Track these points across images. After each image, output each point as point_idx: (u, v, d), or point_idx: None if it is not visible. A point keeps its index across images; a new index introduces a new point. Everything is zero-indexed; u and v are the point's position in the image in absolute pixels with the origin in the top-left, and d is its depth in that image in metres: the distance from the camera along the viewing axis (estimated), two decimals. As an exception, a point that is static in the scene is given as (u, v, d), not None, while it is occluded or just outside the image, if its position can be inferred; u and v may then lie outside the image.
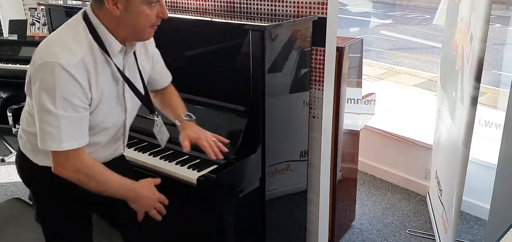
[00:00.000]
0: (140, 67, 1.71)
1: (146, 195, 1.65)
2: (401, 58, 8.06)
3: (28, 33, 4.12)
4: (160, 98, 1.95)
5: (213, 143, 1.79)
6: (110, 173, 1.57)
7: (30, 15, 4.12)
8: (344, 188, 2.76)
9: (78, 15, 1.54)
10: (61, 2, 2.91)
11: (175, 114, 1.88)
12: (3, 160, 3.89)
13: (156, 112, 1.82)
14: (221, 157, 1.78)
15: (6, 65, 3.88)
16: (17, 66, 3.87)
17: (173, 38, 2.21)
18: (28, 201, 2.34)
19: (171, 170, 1.92)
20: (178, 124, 1.85)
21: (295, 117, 2.16)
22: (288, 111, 2.10)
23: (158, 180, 1.71)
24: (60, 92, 1.40)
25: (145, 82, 1.76)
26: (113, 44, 1.53)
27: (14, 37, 4.07)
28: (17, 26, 4.12)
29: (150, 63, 1.82)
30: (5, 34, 4.61)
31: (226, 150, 1.81)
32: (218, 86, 2.08)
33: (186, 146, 1.77)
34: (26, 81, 1.54)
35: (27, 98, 1.60)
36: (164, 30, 2.25)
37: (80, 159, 1.50)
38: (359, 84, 2.67)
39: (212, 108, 2.07)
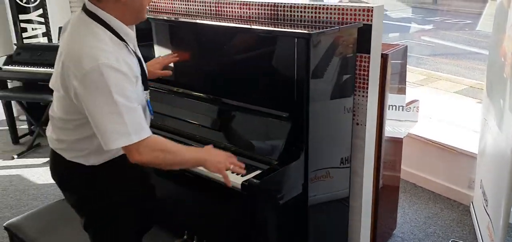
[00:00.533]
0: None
1: (214, 152, 1.73)
2: (441, 65, 7.89)
3: (76, 40, 4.26)
4: None
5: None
6: (177, 144, 1.69)
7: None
8: (385, 196, 2.73)
9: (81, 19, 1.56)
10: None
11: None
12: (50, 161, 4.05)
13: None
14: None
15: (55, 70, 4.05)
16: (66, 71, 4.03)
17: (218, 45, 2.27)
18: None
19: (216, 174, 1.96)
20: None
21: (337, 123, 2.16)
22: (330, 117, 2.10)
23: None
24: (115, 90, 1.45)
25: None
26: (128, 32, 1.61)
27: (63, 43, 4.23)
28: (66, 32, 4.29)
29: None
30: (54, 40, 4.82)
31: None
32: (262, 92, 2.11)
33: None
34: (59, 92, 1.59)
35: (65, 115, 1.64)
36: (210, 38, 2.32)
37: (151, 140, 1.57)
38: (402, 91, 2.64)
39: (255, 114, 2.10)
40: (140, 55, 1.72)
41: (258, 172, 1.91)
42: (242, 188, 1.85)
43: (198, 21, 2.41)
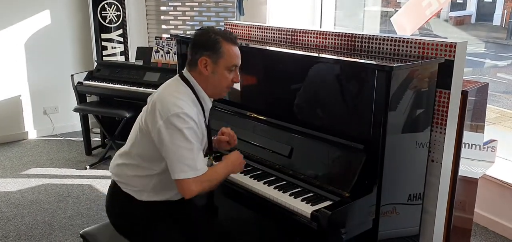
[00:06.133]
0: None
1: (237, 162, 2.05)
2: (515, 103, 7.46)
3: (152, 60, 4.48)
4: None
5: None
6: (214, 168, 1.99)
7: (155, 43, 4.48)
8: (456, 238, 2.60)
9: (176, 80, 1.99)
10: (189, 35, 3.14)
11: None
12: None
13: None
14: None
15: (132, 88, 4.26)
16: (142, 89, 4.22)
17: (294, 74, 2.29)
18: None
19: (285, 201, 1.96)
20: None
21: (410, 158, 2.10)
22: (403, 152, 2.05)
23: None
24: (189, 133, 1.83)
25: None
26: (206, 99, 2.00)
27: (140, 62, 4.45)
28: (143, 52, 4.50)
29: None
30: (131, 59, 5.08)
31: None
32: (336, 122, 2.10)
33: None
34: (139, 126, 1.97)
35: (135, 139, 2.00)
36: (287, 65, 2.35)
37: (207, 172, 1.91)
38: (480, 129, 2.53)
39: (328, 143, 2.08)
40: (209, 125, 2.10)
41: (328, 202, 1.90)
42: (312, 218, 1.84)
43: (275, 48, 2.45)
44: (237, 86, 2.55)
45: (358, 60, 2.10)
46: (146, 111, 1.95)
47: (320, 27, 4.62)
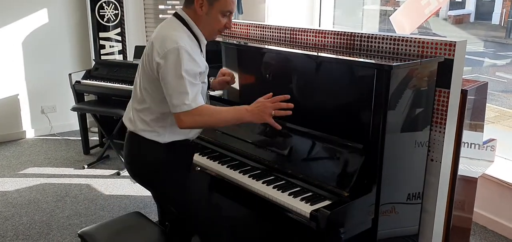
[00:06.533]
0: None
1: (254, 106, 2.01)
2: (514, 102, 7.47)
3: (150, 59, 4.45)
4: None
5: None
6: (220, 107, 2.01)
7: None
8: (455, 237, 2.59)
9: (171, 19, 2.03)
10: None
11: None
12: (118, 174, 4.22)
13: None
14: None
15: (130, 86, 4.20)
16: (139, 88, 4.20)
17: (293, 73, 2.28)
18: (146, 215, 2.51)
19: (284, 200, 1.95)
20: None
21: (409, 158, 2.10)
22: (402, 151, 2.05)
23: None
24: (184, 67, 1.85)
25: None
26: (201, 37, 2.03)
27: (138, 61, 4.41)
28: (142, 51, 4.44)
29: None
30: (129, 58, 5.06)
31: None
32: (335, 121, 2.09)
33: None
34: (144, 70, 2.00)
35: (143, 84, 2.01)
36: (285, 64, 2.34)
37: (202, 108, 1.93)
38: (479, 128, 2.53)
39: (326, 142, 2.07)
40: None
41: (327, 202, 1.89)
42: (311, 218, 1.83)
43: (274, 47, 2.44)
44: (236, 85, 2.54)
45: (357, 59, 2.08)
46: (146, 53, 2.00)
47: (319, 26, 4.61)
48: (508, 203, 3.23)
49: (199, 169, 2.36)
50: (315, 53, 2.27)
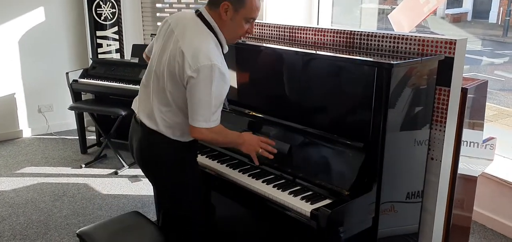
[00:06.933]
0: None
1: (248, 138, 2.12)
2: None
3: (148, 57, 4.43)
4: None
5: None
6: (226, 130, 2.07)
7: (151, 41, 4.43)
8: (455, 236, 2.59)
9: (197, 22, 1.98)
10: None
11: None
12: (116, 173, 4.20)
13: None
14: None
15: (127, 85, 4.21)
16: (137, 87, 4.13)
17: (293, 71, 2.27)
18: (144, 214, 2.49)
19: (284, 199, 1.94)
20: None
21: (409, 156, 2.09)
22: (402, 150, 2.04)
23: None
24: (214, 87, 1.87)
25: None
26: (224, 43, 2.02)
27: (136, 60, 4.41)
28: (139, 50, 4.44)
29: None
30: (127, 56, 5.04)
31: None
32: (335, 120, 2.08)
33: None
34: (170, 74, 1.95)
35: (170, 88, 1.98)
36: (285, 63, 2.33)
37: (219, 127, 1.99)
38: (479, 127, 2.52)
39: (326, 141, 2.07)
40: None
41: (328, 201, 1.88)
42: (311, 217, 1.82)
43: (274, 46, 2.43)
44: (234, 83, 2.53)
45: (358, 57, 2.07)
46: (176, 61, 1.92)
47: (317, 24, 4.60)
48: (507, 201, 3.22)
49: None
50: (316, 52, 2.26)
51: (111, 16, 4.96)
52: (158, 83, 2.01)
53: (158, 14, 5.21)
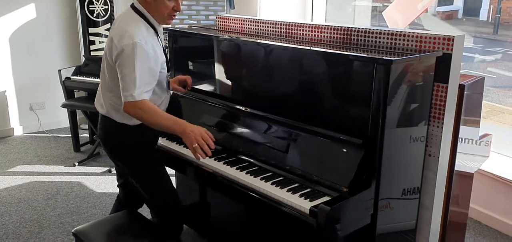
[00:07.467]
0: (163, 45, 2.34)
1: (190, 129, 2.10)
2: (504, 97, 7.53)
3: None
4: None
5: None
6: (162, 111, 2.21)
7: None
8: (452, 232, 2.60)
9: (128, 12, 2.19)
10: (178, 28, 3.09)
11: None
12: (109, 171, 4.17)
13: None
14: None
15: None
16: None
17: (290, 68, 2.25)
18: (140, 212, 2.47)
19: (282, 197, 1.93)
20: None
21: (405, 153, 2.08)
22: (400, 146, 2.03)
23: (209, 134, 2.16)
24: (138, 64, 2.03)
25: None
26: (156, 25, 2.21)
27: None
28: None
29: None
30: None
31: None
32: (333, 117, 2.07)
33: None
34: (107, 61, 2.17)
35: (108, 75, 2.19)
36: (282, 60, 2.31)
37: (145, 103, 2.10)
38: (476, 124, 2.53)
39: (324, 138, 2.06)
40: (164, 47, 2.32)
41: (327, 198, 1.87)
42: (311, 214, 1.81)
43: (271, 42, 2.41)
44: (236, 81, 2.51)
45: (356, 53, 2.06)
46: (108, 47, 2.16)
47: (311, 21, 4.59)
48: (502, 197, 3.24)
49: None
50: (313, 48, 2.24)
51: (104, 13, 4.91)
52: (104, 74, 2.24)
53: (151, 11, 5.17)
